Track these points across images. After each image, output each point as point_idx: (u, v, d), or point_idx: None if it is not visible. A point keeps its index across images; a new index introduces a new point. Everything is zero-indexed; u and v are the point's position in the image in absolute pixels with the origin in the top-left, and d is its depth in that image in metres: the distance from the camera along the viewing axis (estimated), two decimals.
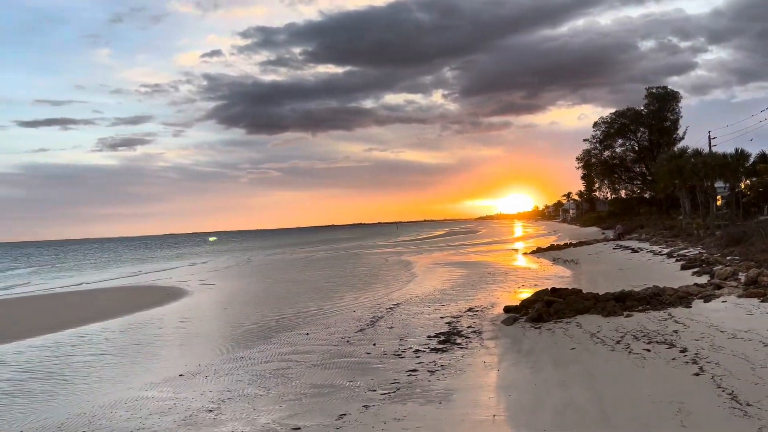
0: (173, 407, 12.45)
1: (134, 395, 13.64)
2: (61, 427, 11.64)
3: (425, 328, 19.50)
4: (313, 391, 12.98)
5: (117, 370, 16.67)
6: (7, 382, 15.91)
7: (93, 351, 19.47)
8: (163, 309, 29.29)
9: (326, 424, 10.65)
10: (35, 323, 26.60)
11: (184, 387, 14.13)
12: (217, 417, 11.60)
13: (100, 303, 33.85)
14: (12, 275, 70.90)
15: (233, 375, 15.01)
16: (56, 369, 17.11)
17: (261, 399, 12.66)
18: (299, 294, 32.41)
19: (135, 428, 11.23)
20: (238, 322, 23.80)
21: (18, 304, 36.46)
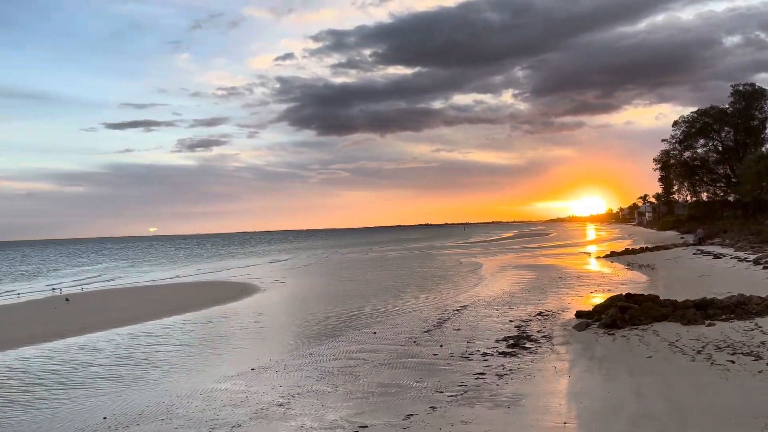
0: (245, 400, 12.85)
1: (209, 387, 14.17)
2: (142, 414, 12.23)
3: (493, 331, 19.23)
4: (380, 390, 13.06)
5: (193, 361, 17.36)
6: (99, 367, 16.91)
7: (173, 342, 20.37)
8: (236, 304, 30.29)
9: (393, 424, 10.69)
10: (122, 314, 28.10)
11: (255, 381, 14.55)
12: (287, 411, 11.87)
13: (179, 297, 35.39)
14: (100, 269, 75.25)
15: (302, 371, 15.32)
16: (141, 358, 18.00)
17: (329, 396, 12.86)
18: (367, 293, 32.70)
19: (209, 419, 11.66)
20: (308, 319, 24.28)
21: (104, 296, 38.64)
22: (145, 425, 11.50)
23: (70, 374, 16.33)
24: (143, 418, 12.00)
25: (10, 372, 16.91)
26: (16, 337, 22.78)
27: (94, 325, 25.00)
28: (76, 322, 25.92)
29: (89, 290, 43.84)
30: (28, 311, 31.79)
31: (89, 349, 19.89)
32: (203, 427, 11.14)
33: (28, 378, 16.10)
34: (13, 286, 51.03)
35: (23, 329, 24.88)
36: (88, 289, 44.47)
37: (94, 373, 16.32)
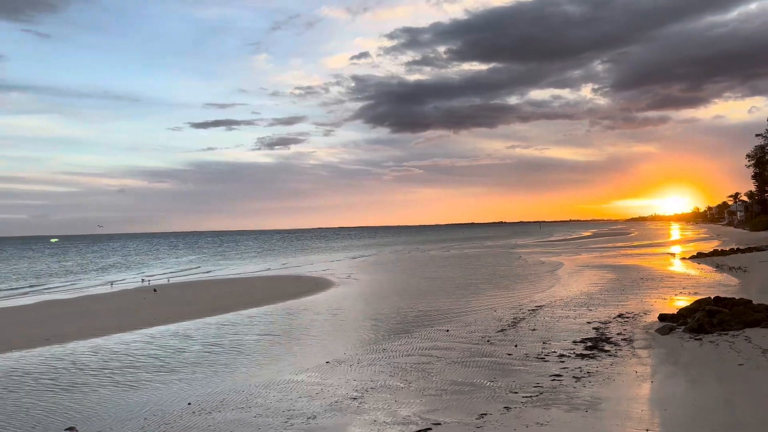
0: (320, 392, 13.13)
1: (285, 378, 14.58)
2: (223, 402, 12.75)
3: (570, 333, 18.71)
4: (453, 388, 13.00)
5: (270, 353, 17.91)
6: (190, 353, 17.76)
7: (253, 333, 21.09)
8: (312, 298, 30.99)
9: (466, 423, 10.63)
10: (205, 306, 29.37)
11: (330, 374, 14.84)
12: (361, 405, 12.04)
13: (258, 290, 36.59)
14: (184, 262, 78.98)
15: (376, 366, 15.48)
16: (222, 347, 18.76)
17: (402, 391, 12.94)
18: (440, 290, 32.61)
19: (286, 409, 12.00)
20: (381, 314, 24.49)
21: (189, 288, 40.49)
22: (225, 412, 11.97)
23: (165, 359, 17.23)
24: (224, 405, 12.50)
25: (113, 355, 18.07)
26: (113, 324, 24.29)
27: (180, 315, 26.27)
28: (163, 312, 27.33)
29: (175, 282, 46.08)
30: (120, 301, 33.80)
31: (181, 336, 20.91)
32: (280, 417, 11.48)
33: (129, 361, 17.13)
34: (107, 277, 54.41)
35: (119, 318, 26.48)
36: (174, 281, 46.74)
37: (185, 359, 17.14)
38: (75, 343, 20.39)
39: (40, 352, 19.06)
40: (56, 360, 17.78)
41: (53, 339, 21.17)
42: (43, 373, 16.14)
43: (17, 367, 17.04)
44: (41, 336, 21.82)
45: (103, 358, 17.91)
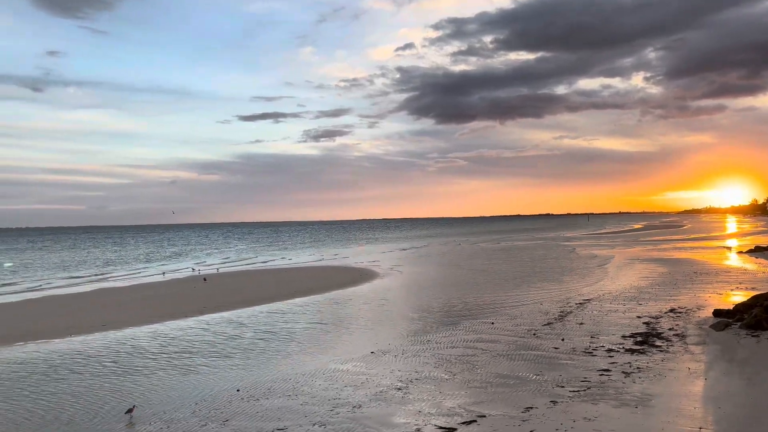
0: (365, 382, 13.26)
1: (331, 367, 14.78)
2: (270, 389, 13.02)
3: (619, 327, 18.31)
4: (498, 381, 12.93)
5: (316, 342, 18.17)
6: (243, 339, 18.21)
7: (299, 323, 21.43)
8: (357, 289, 31.24)
9: (512, 416, 10.56)
10: (253, 295, 30.01)
11: (374, 364, 14.96)
12: (405, 396, 12.11)
13: (304, 280, 37.11)
14: (232, 252, 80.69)
15: (420, 357, 15.52)
16: (273, 335, 19.14)
17: (447, 383, 12.94)
18: (484, 282, 32.37)
19: (332, 398, 12.18)
20: (425, 306, 24.50)
21: (237, 277, 41.39)
22: (273, 399, 12.24)
23: (218, 345, 17.69)
24: (271, 392, 12.78)
25: (171, 340, 18.67)
26: (166, 312, 25.08)
27: (229, 303, 26.91)
28: (213, 301, 28.05)
29: (223, 271, 47.18)
30: (172, 289, 34.86)
31: (235, 324, 21.42)
32: (326, 406, 11.66)
33: (184, 346, 17.67)
34: (159, 267, 56.15)
35: (171, 305, 27.33)
36: (223, 271, 47.86)
37: (238, 345, 17.56)
38: (132, 329, 21.14)
39: (98, 337, 19.85)
40: (118, 344, 18.51)
41: (110, 325, 22.02)
42: (105, 356, 16.82)
43: (81, 350, 17.82)
44: (98, 322, 22.72)
45: (161, 343, 18.54)
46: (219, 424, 10.81)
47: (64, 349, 18.06)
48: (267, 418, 11.04)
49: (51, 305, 28.77)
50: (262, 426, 10.62)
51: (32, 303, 30.03)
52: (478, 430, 9.95)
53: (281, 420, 10.91)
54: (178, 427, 10.77)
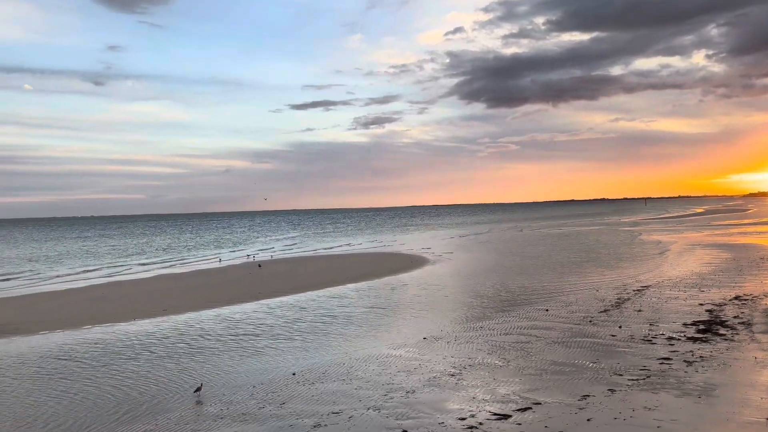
0: (418, 368, 13.31)
1: (384, 352, 14.90)
2: (325, 374, 13.24)
3: (680, 315, 17.73)
4: (553, 368, 12.75)
5: (369, 327, 18.33)
6: (305, 323, 18.60)
7: (352, 308, 21.67)
8: (408, 275, 31.31)
9: (568, 403, 10.40)
10: (306, 281, 30.52)
11: (427, 350, 14.99)
12: (459, 382, 12.09)
13: (356, 266, 37.45)
14: (286, 238, 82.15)
15: (473, 343, 15.46)
16: (325, 321, 19.45)
17: (500, 370, 12.85)
18: (538, 268, 31.88)
19: (385, 383, 12.28)
20: (477, 292, 24.35)
21: (290, 264, 42.14)
22: (328, 383, 12.44)
23: (276, 329, 18.13)
24: (326, 376, 12.99)
25: (231, 324, 19.24)
26: (224, 297, 25.81)
27: (282, 289, 27.45)
28: (268, 286, 28.67)
29: (277, 257, 48.13)
30: (229, 275, 35.81)
31: (297, 308, 21.88)
32: (380, 390, 11.77)
33: (244, 329, 18.18)
34: (216, 253, 57.74)
35: (229, 290, 28.10)
36: (276, 257, 48.82)
37: (298, 329, 17.94)
38: (191, 314, 21.85)
39: (162, 321, 20.60)
40: (187, 327, 19.21)
41: (170, 309, 22.81)
42: (173, 338, 17.45)
43: (153, 331, 18.56)
44: (159, 307, 23.58)
45: (223, 326, 19.10)
46: (276, 407, 11.07)
47: (132, 331, 18.83)
48: (322, 402, 11.24)
49: (114, 290, 30.03)
50: (317, 409, 10.82)
51: (97, 288, 31.42)
52: (534, 417, 9.85)
53: (336, 404, 11.09)
54: (237, 408, 11.10)
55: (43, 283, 35.83)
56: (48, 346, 17.27)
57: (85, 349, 16.69)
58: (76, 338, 18.20)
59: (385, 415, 10.34)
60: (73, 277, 38.34)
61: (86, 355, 15.89)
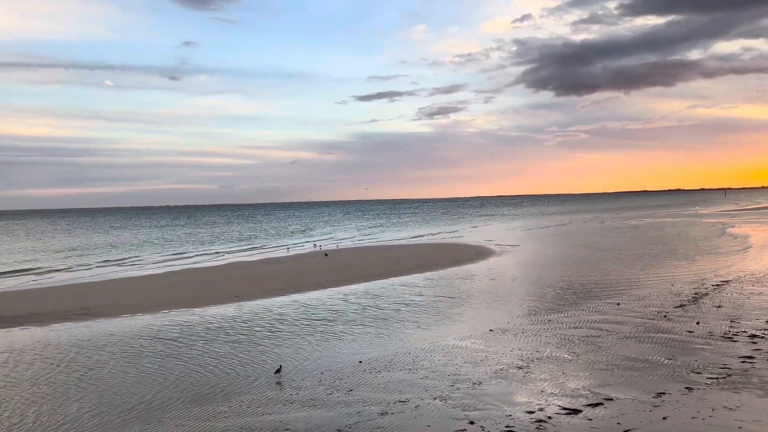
0: (485, 359, 13.21)
1: (450, 343, 14.86)
2: (391, 362, 13.35)
3: (764, 312, 16.79)
4: (626, 364, 12.36)
5: (435, 317, 18.32)
6: (378, 310, 18.89)
7: (415, 300, 21.72)
8: (473, 266, 31.06)
9: (642, 400, 10.06)
10: (371, 270, 30.81)
11: (493, 341, 14.84)
12: (527, 375, 11.92)
13: (421, 256, 37.47)
14: (351, 228, 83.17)
15: (541, 336, 15.19)
16: (391, 311, 19.60)
17: (570, 364, 12.57)
18: (608, 261, 30.91)
19: (451, 373, 12.26)
20: (545, 284, 23.87)
21: (356, 253, 42.65)
22: (394, 372, 12.54)
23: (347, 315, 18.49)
24: (392, 365, 13.09)
25: (307, 309, 19.76)
26: (291, 285, 26.46)
27: (348, 278, 27.83)
28: (334, 275, 29.12)
29: (343, 247, 48.80)
30: (296, 263, 36.62)
31: (371, 296, 22.23)
32: (446, 381, 11.76)
33: (320, 315, 18.64)
34: (284, 242, 59.16)
35: (297, 278, 28.76)
36: (342, 246, 49.51)
37: (363, 317, 18.22)
38: (262, 300, 22.52)
39: (235, 307, 21.33)
40: (257, 313, 19.85)
41: (242, 296, 23.58)
42: (242, 323, 18.08)
43: (225, 317, 19.30)
44: (231, 293, 24.41)
45: (298, 312, 19.61)
46: (343, 393, 11.27)
47: (207, 315, 19.61)
48: (389, 390, 11.35)
49: (188, 277, 31.30)
50: (384, 397, 10.93)
51: (173, 275, 32.85)
52: (605, 413, 9.59)
53: (402, 392, 11.16)
54: (306, 394, 11.37)
55: (125, 269, 37.78)
56: (130, 328, 18.23)
57: (162, 331, 17.52)
58: (154, 321, 19.12)
59: (451, 405, 10.33)
60: (152, 264, 40.23)
61: (164, 338, 16.67)
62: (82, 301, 23.67)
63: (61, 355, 15.18)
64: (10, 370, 14.01)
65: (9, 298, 25.84)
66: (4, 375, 13.58)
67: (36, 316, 20.78)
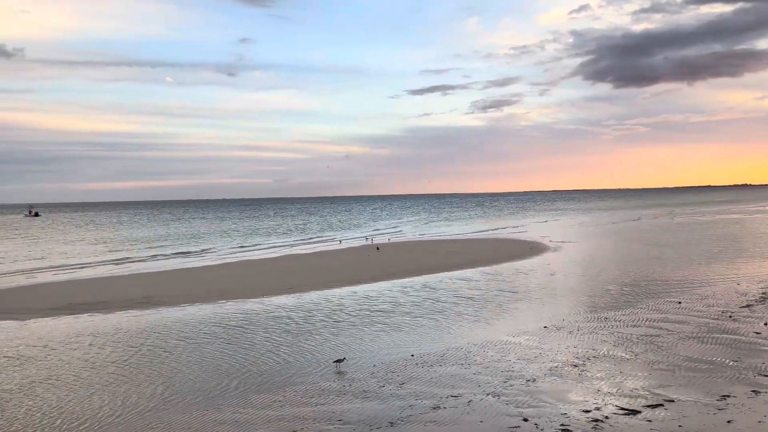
0: (539, 356, 13.00)
1: (503, 339, 14.70)
2: (444, 356, 13.31)
3: None
4: (687, 365, 11.93)
5: (487, 313, 18.15)
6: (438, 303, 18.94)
7: (471, 292, 21.57)
8: (527, 262, 30.57)
9: (705, 403, 9.69)
10: (422, 264, 30.77)
11: (548, 338, 14.59)
12: (583, 373, 11.67)
13: (474, 251, 37.16)
14: (403, 222, 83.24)
15: (597, 334, 14.83)
16: (441, 304, 19.54)
17: (628, 363, 12.23)
18: (668, 259, 29.84)
19: (505, 369, 12.13)
20: (600, 281, 23.27)
21: (407, 247, 42.65)
22: (446, 367, 12.50)
23: (389, 311, 18.57)
24: (444, 360, 13.06)
25: (365, 300, 19.98)
26: (344, 278, 26.73)
27: (400, 272, 27.87)
28: (386, 268, 29.23)
29: (395, 241, 48.89)
30: (348, 257, 36.94)
31: (429, 289, 22.30)
32: (499, 377, 11.65)
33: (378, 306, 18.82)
34: (335, 235, 59.76)
35: (349, 271, 29.03)
36: (394, 240, 49.60)
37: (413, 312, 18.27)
38: (316, 293, 22.84)
39: (289, 298, 21.73)
40: (319, 303, 20.29)
41: (295, 288, 23.98)
42: (305, 312, 18.41)
43: (292, 306, 19.72)
44: (285, 285, 24.86)
45: (353, 303, 19.85)
46: (396, 386, 11.32)
47: (262, 306, 20.05)
48: (441, 385, 11.33)
49: (243, 269, 32.04)
50: (436, 392, 10.92)
51: (229, 266, 33.70)
52: (666, 415, 9.29)
53: (455, 387, 11.12)
54: (359, 386, 11.48)
55: (185, 260, 39.00)
56: (190, 317, 18.83)
57: (221, 321, 18.02)
58: (213, 311, 19.68)
59: (504, 401, 10.23)
60: (210, 255, 41.38)
61: (223, 327, 17.15)
62: (146, 290, 24.59)
63: (123, 342, 15.83)
64: (82, 353, 14.71)
65: (77, 286, 27.09)
66: (78, 358, 14.26)
67: (103, 303, 21.73)
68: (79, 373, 13.11)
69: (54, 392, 11.78)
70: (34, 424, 10.04)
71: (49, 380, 12.58)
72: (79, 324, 18.40)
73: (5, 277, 31.62)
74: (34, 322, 18.79)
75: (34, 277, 31.00)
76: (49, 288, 26.62)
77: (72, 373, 13.07)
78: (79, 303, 21.92)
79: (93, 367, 13.59)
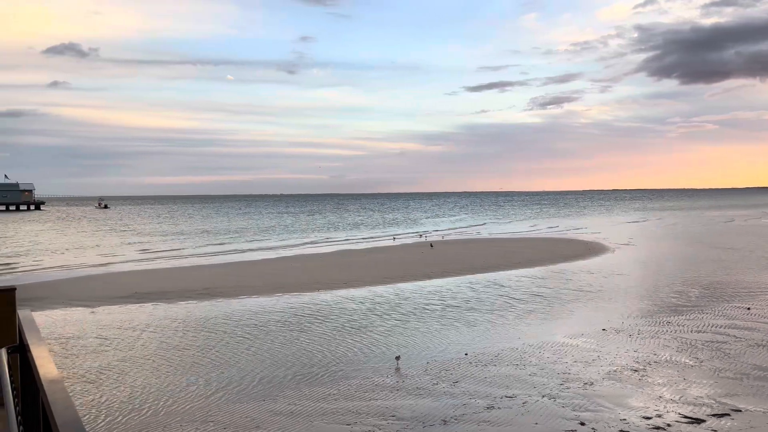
0: (597, 359, 12.70)
1: (559, 341, 14.42)
2: (498, 356, 13.18)
3: None
4: (756, 373, 11.40)
5: (543, 314, 17.85)
6: (469, 305, 18.86)
7: (524, 294, 21.26)
8: (585, 263, 29.85)
9: None
10: (477, 262, 30.54)
11: (606, 341, 14.23)
12: (643, 378, 11.33)
13: (530, 251, 36.57)
14: (457, 220, 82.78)
15: (659, 339, 14.35)
16: (494, 306, 19.36)
17: (692, 370, 11.79)
18: (737, 262, 28.53)
19: (561, 372, 11.90)
20: (662, 284, 22.48)
21: (461, 245, 42.39)
22: (500, 367, 12.37)
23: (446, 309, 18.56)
24: (499, 360, 12.93)
25: (400, 301, 20.09)
26: (397, 274, 26.84)
27: (453, 270, 27.74)
28: (439, 266, 29.15)
29: (448, 239, 48.65)
30: (402, 253, 37.02)
31: (496, 285, 22.22)
32: (555, 379, 11.44)
33: (421, 306, 18.89)
34: (390, 231, 59.97)
35: (403, 268, 29.12)
36: (448, 238, 49.37)
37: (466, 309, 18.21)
38: (370, 288, 23.03)
39: (344, 293, 22.00)
40: (379, 297, 20.41)
41: (350, 283, 24.22)
42: (359, 307, 18.64)
43: (347, 300, 20.00)
44: (341, 280, 25.16)
45: (408, 299, 19.95)
46: (449, 385, 11.29)
47: (319, 300, 20.38)
48: (495, 385, 11.23)
49: (300, 263, 32.60)
50: (490, 391, 10.83)
51: (286, 260, 34.37)
52: (732, 425, 8.91)
53: (509, 388, 11.00)
54: (412, 382, 11.51)
55: (244, 254, 40.05)
56: (248, 309, 19.33)
57: (277, 313, 18.42)
58: (270, 303, 20.14)
59: (560, 404, 10.05)
60: (267, 249, 42.33)
61: (279, 319, 17.52)
62: (206, 282, 25.39)
63: (181, 331, 16.40)
64: (144, 341, 15.35)
65: (142, 276, 28.25)
66: (142, 345, 14.90)
67: (165, 293, 22.58)
68: (152, 356, 13.68)
69: (123, 377, 12.32)
70: (122, 399, 10.55)
71: (125, 362, 13.17)
72: (144, 312, 19.18)
73: (81, 269, 33.26)
74: (104, 309, 19.71)
75: (105, 267, 32.49)
76: (117, 277, 27.84)
77: (145, 356, 13.64)
78: (144, 292, 22.84)
79: (156, 354, 14.13)
